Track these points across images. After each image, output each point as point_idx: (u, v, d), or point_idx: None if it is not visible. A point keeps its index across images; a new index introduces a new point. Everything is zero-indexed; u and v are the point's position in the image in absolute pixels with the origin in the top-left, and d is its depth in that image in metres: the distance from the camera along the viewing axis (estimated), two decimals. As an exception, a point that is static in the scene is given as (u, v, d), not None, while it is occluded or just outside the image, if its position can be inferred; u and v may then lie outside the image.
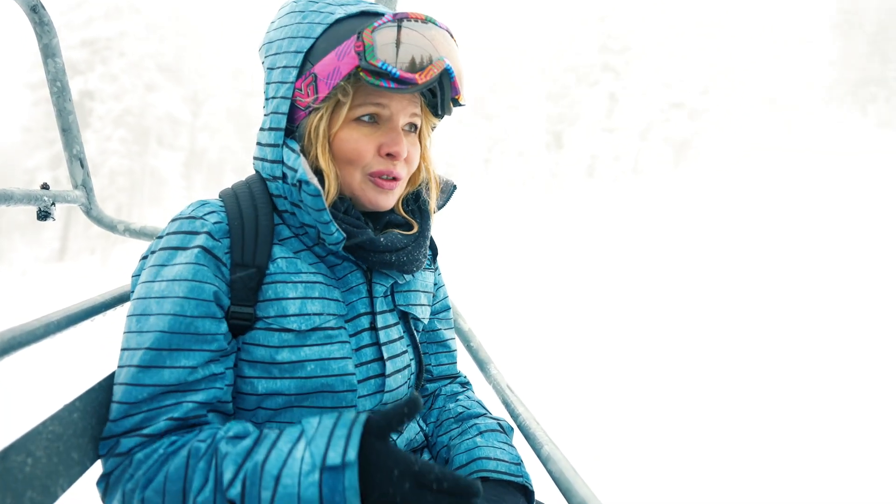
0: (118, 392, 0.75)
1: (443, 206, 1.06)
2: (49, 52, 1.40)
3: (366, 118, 0.87)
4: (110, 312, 1.01)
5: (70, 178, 1.51)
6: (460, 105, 0.92)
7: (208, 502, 0.67)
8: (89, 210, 1.55)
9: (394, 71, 0.80)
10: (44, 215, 1.32)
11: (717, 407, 5.57)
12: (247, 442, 0.70)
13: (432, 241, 1.12)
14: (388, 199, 0.91)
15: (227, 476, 0.67)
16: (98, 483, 0.74)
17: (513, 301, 11.27)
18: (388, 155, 0.87)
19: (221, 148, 38.94)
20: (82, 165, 1.50)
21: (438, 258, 1.18)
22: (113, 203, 31.03)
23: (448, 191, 1.07)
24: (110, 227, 1.60)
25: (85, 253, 30.31)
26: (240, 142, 40.03)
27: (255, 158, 0.91)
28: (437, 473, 0.63)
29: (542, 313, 10.35)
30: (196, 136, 38.10)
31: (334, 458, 0.63)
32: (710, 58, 31.50)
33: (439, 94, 0.87)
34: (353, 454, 0.63)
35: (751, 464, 4.46)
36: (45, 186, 1.35)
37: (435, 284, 1.14)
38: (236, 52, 42.79)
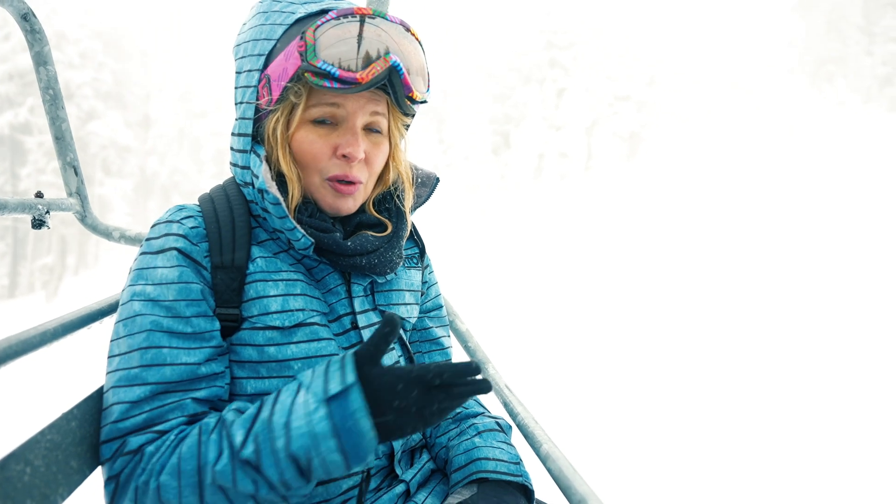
0: (118, 393, 0.74)
1: (425, 200, 1.05)
2: (41, 59, 1.40)
3: (322, 120, 0.85)
4: (107, 319, 1.01)
5: (64, 186, 1.51)
6: (419, 102, 0.87)
7: (226, 469, 0.67)
8: (84, 217, 1.54)
9: (333, 71, 0.78)
10: (38, 224, 1.31)
11: (677, 394, 5.58)
12: (252, 409, 0.72)
13: (419, 239, 1.11)
14: (348, 204, 0.89)
15: (239, 439, 0.68)
16: (106, 486, 0.73)
17: (478, 304, 11.27)
18: (344, 156, 0.85)
19: (173, 171, 38.56)
20: (76, 173, 1.50)
21: (428, 256, 1.15)
22: (56, 235, 30.58)
23: (430, 184, 1.05)
24: (105, 234, 1.60)
25: (38, 287, 30.16)
26: (193, 164, 39.45)
27: (230, 164, 0.91)
28: (435, 370, 0.67)
29: (509, 313, 10.36)
30: (146, 160, 37.60)
31: (335, 387, 0.67)
32: (660, 47, 31.54)
33: (391, 91, 0.83)
34: (351, 377, 0.67)
35: (747, 459, 4.47)
36: (39, 195, 1.35)
37: (425, 283, 1.12)
38: (183, 73, 42.47)
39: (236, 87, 0.89)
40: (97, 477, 0.78)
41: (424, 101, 0.88)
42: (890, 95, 30.40)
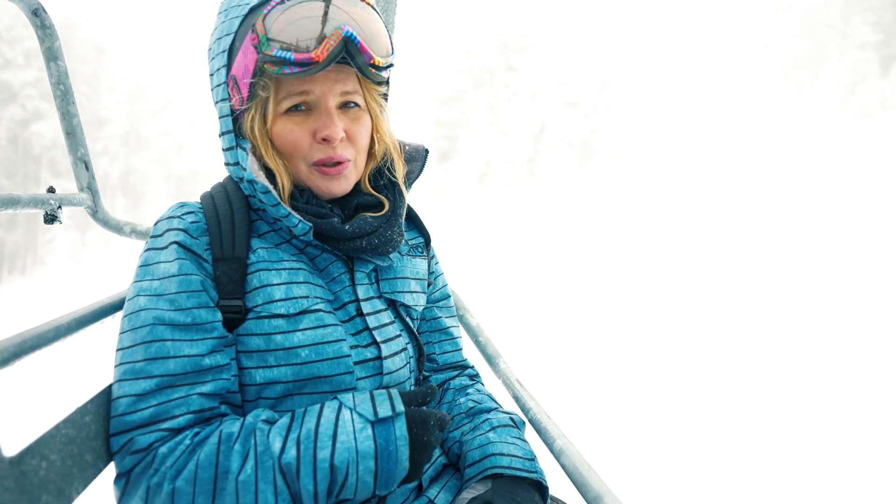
0: (123, 387, 0.75)
1: (419, 174, 1.03)
2: (52, 55, 1.40)
3: (296, 108, 0.84)
4: (119, 314, 1.01)
5: (75, 181, 1.51)
6: (383, 67, 0.85)
7: (250, 479, 0.68)
8: (95, 212, 1.55)
9: (289, 56, 0.77)
10: (51, 219, 1.32)
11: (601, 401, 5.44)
12: (284, 420, 0.75)
13: (424, 229, 1.10)
14: (341, 185, 0.89)
15: (277, 445, 0.70)
16: (116, 482, 0.73)
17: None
18: (324, 139, 0.84)
19: (125, 171, 38.05)
20: (87, 168, 1.50)
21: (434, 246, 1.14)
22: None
23: (420, 158, 1.04)
24: (116, 228, 1.61)
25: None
26: (147, 164, 38.76)
27: (224, 164, 0.92)
28: (445, 414, 0.79)
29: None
30: (96, 161, 36.93)
31: (384, 411, 0.74)
32: (618, 51, 30.80)
33: (353, 63, 0.81)
34: (400, 406, 0.75)
35: (751, 455, 4.44)
36: (51, 190, 1.36)
37: (431, 273, 1.12)
38: (136, 71, 41.48)
39: (212, 88, 0.88)
40: (111, 472, 0.78)
41: (390, 66, 0.88)
42: (857, 102, 29.58)
